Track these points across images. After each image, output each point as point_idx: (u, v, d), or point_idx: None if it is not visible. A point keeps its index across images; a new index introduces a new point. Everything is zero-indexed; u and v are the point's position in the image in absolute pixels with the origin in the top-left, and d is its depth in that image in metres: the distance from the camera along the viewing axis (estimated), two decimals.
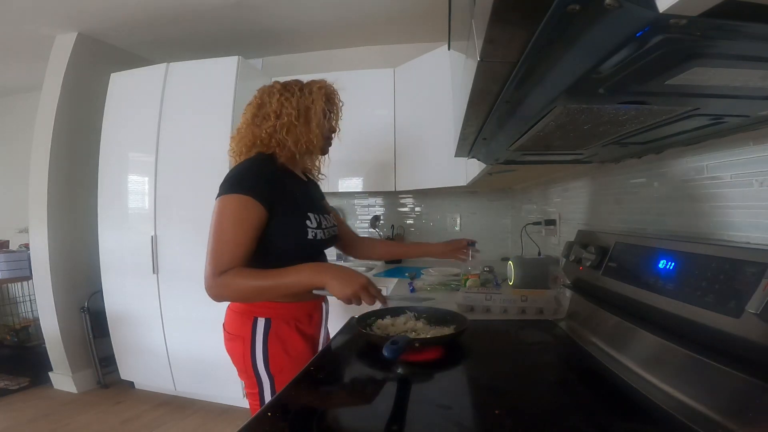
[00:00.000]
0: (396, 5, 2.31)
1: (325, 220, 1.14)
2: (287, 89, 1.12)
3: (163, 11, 2.35)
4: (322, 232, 1.09)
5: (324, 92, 1.13)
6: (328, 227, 1.15)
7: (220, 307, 1.12)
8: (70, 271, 2.60)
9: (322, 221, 1.11)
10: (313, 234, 1.06)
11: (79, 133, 2.64)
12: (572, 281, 1.12)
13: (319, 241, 1.08)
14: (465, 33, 0.53)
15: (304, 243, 1.05)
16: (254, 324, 1.03)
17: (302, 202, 1.09)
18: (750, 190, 0.68)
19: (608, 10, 0.29)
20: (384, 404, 0.68)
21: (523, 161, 1.10)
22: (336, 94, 1.20)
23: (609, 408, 0.63)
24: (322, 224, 1.11)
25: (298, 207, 1.06)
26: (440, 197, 2.80)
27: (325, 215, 1.17)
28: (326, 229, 1.13)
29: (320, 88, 1.13)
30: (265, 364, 1.03)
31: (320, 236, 1.08)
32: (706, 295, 0.58)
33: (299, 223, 1.04)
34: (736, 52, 0.35)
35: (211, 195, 1.06)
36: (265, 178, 1.01)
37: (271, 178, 1.02)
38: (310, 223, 1.06)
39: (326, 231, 1.13)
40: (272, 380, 1.04)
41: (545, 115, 0.57)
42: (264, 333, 1.03)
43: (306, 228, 1.05)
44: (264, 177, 1.01)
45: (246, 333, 1.04)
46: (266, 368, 1.03)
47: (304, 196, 1.12)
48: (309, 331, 1.09)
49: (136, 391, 2.59)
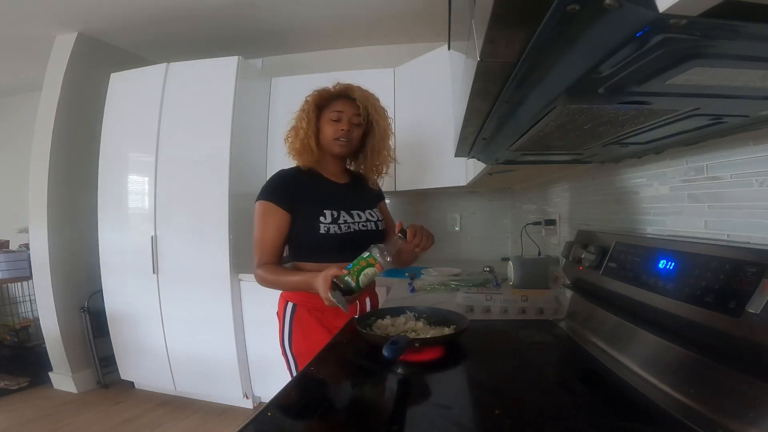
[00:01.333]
0: (396, 5, 2.31)
1: (349, 216, 1.20)
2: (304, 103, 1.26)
3: (162, 11, 2.35)
4: (337, 227, 1.16)
5: (313, 100, 1.21)
6: (352, 223, 1.19)
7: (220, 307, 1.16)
8: (70, 271, 2.60)
9: (341, 217, 1.17)
10: (326, 228, 1.14)
11: (79, 133, 2.64)
12: (572, 281, 1.12)
13: (334, 235, 1.15)
14: (465, 33, 0.53)
15: (317, 237, 1.14)
16: (285, 306, 1.20)
17: (322, 200, 1.18)
18: (750, 190, 0.68)
19: (608, 10, 0.29)
20: (384, 404, 0.68)
21: (523, 161, 1.10)
22: (334, 96, 1.24)
23: (609, 408, 0.63)
24: (339, 220, 1.17)
25: (315, 205, 1.17)
26: (440, 197, 2.80)
27: (357, 212, 1.23)
28: (346, 224, 1.18)
29: (310, 97, 1.22)
30: (290, 345, 1.19)
31: (335, 231, 1.15)
32: (706, 295, 0.58)
33: (313, 220, 1.15)
34: (736, 52, 0.35)
35: (211, 195, 1.09)
36: (286, 184, 1.19)
37: (294, 184, 1.19)
38: (324, 219, 1.15)
39: (344, 226, 1.17)
40: (296, 361, 1.18)
41: (545, 115, 0.57)
42: (290, 316, 1.19)
43: (318, 224, 1.14)
44: (285, 184, 1.19)
45: (281, 314, 1.22)
46: (290, 348, 1.19)
47: (329, 195, 1.21)
48: (333, 324, 1.15)
49: (136, 391, 2.59)
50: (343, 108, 1.20)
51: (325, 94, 1.23)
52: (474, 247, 2.75)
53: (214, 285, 2.28)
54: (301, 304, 1.18)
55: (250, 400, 2.37)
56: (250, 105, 2.46)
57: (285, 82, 2.63)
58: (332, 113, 1.20)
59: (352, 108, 1.21)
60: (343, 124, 1.20)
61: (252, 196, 1.13)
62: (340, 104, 1.21)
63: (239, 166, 2.33)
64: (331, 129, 1.20)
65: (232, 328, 2.26)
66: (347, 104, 1.21)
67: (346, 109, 1.21)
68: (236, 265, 2.29)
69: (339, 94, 1.23)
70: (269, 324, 2.07)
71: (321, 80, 1.29)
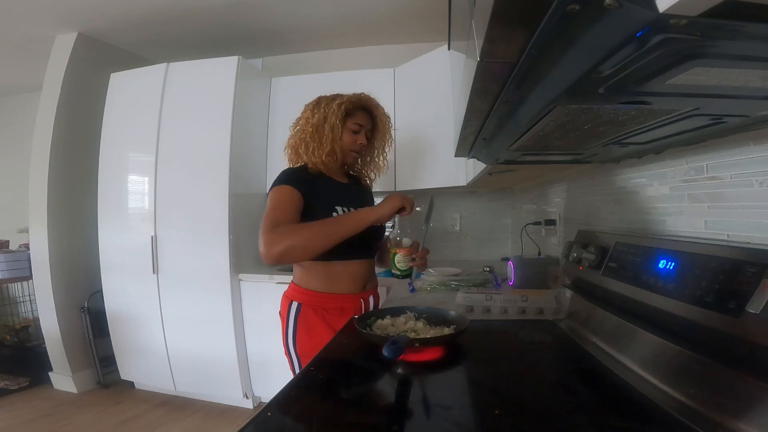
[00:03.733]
0: (396, 5, 2.31)
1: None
2: (317, 104, 1.25)
3: (163, 11, 2.35)
4: None
5: (343, 108, 1.21)
6: None
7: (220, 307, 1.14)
8: (70, 271, 2.60)
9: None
10: None
11: (79, 133, 2.64)
12: (572, 281, 1.12)
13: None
14: (465, 33, 0.53)
15: None
16: (290, 306, 1.19)
17: (333, 197, 1.20)
18: (750, 190, 0.68)
19: (608, 10, 0.29)
20: (384, 404, 0.68)
21: (523, 161, 1.10)
22: (365, 110, 1.27)
23: (609, 408, 0.63)
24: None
25: (327, 200, 1.18)
26: (440, 197, 2.79)
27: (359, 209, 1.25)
28: None
29: (340, 104, 1.21)
30: (294, 344, 1.18)
31: None
32: (706, 295, 0.58)
33: (325, 214, 1.14)
34: (736, 52, 0.35)
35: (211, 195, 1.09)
36: (301, 177, 1.18)
37: (305, 179, 1.18)
38: (337, 214, 1.16)
39: None
40: (299, 361, 1.18)
41: (545, 115, 0.57)
42: (295, 315, 1.18)
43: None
44: (300, 176, 1.18)
45: (284, 313, 1.21)
46: (294, 348, 1.18)
47: (337, 193, 1.23)
48: (338, 323, 1.15)
49: (136, 391, 2.59)
50: (364, 122, 1.25)
51: (355, 103, 1.24)
52: (474, 247, 2.75)
53: (214, 285, 2.28)
54: (306, 303, 1.18)
55: (250, 400, 2.37)
56: (250, 105, 2.46)
57: (285, 82, 2.63)
58: (354, 124, 1.24)
59: (370, 122, 1.28)
60: (361, 137, 1.25)
61: (252, 196, 1.14)
62: (362, 117, 1.26)
63: (239, 166, 2.33)
64: (350, 139, 1.24)
65: (232, 328, 2.26)
66: (367, 119, 1.27)
67: (366, 123, 1.26)
68: (236, 265, 2.29)
69: (363, 107, 1.27)
70: (269, 324, 2.08)
71: (321, 80, 1.29)
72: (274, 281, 2.21)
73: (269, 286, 2.22)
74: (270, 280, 2.23)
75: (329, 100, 1.24)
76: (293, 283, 1.24)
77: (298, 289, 1.20)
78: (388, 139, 1.35)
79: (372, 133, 1.31)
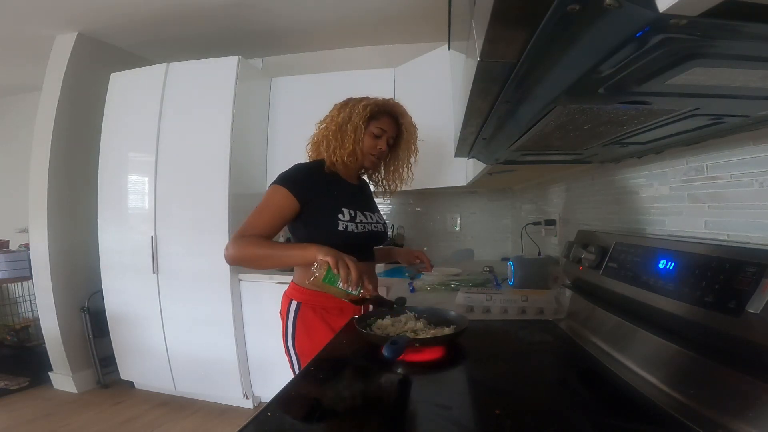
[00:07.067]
0: (396, 5, 2.31)
1: (364, 217, 1.22)
2: (345, 103, 1.25)
3: (162, 11, 2.35)
4: (354, 225, 1.18)
5: (368, 110, 1.20)
6: (367, 223, 1.22)
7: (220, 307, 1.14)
8: (70, 271, 2.60)
9: (357, 216, 1.20)
10: (344, 225, 1.16)
11: (79, 133, 2.64)
12: (572, 281, 1.12)
13: (352, 233, 1.17)
14: (465, 33, 0.53)
15: (335, 233, 1.15)
16: (289, 305, 1.20)
17: (340, 199, 1.19)
18: (750, 190, 0.68)
19: (608, 10, 0.29)
20: (384, 404, 0.68)
21: (523, 161, 1.10)
22: (391, 116, 1.26)
23: (609, 408, 0.63)
24: (356, 218, 1.19)
25: (334, 202, 1.18)
26: (440, 197, 2.80)
27: (368, 213, 1.26)
28: (362, 223, 1.20)
29: (365, 106, 1.21)
30: (293, 343, 1.18)
31: (352, 228, 1.17)
32: (706, 295, 0.58)
33: (331, 216, 1.15)
34: (736, 52, 0.35)
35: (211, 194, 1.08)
36: (307, 177, 1.17)
37: (313, 178, 1.18)
38: (343, 216, 1.16)
39: (360, 225, 1.20)
40: (298, 360, 1.18)
41: (545, 115, 0.57)
42: (294, 314, 1.18)
43: (337, 220, 1.16)
44: (306, 177, 1.17)
45: (284, 312, 1.21)
46: (293, 347, 1.18)
47: (345, 195, 1.22)
48: (337, 323, 1.16)
49: (136, 391, 2.59)
50: (387, 128, 1.25)
51: (381, 107, 1.24)
52: (474, 247, 2.75)
53: (214, 285, 2.28)
54: (305, 302, 1.19)
55: (250, 400, 2.37)
56: (250, 105, 2.46)
57: (285, 82, 2.63)
58: (376, 128, 1.23)
59: (394, 129, 1.27)
60: (381, 142, 1.24)
61: (252, 196, 1.14)
62: (386, 122, 1.25)
63: (239, 166, 2.33)
64: (372, 142, 1.23)
65: (232, 328, 2.26)
66: (392, 125, 1.26)
67: (390, 130, 1.26)
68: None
69: (389, 112, 1.26)
70: (269, 324, 2.08)
71: (321, 80, 1.29)
72: (274, 281, 2.21)
73: (269, 286, 2.22)
74: (270, 280, 2.23)
75: (357, 101, 1.23)
76: (293, 282, 1.24)
77: (297, 289, 1.20)
78: (413, 150, 1.33)
79: (396, 140, 1.30)
